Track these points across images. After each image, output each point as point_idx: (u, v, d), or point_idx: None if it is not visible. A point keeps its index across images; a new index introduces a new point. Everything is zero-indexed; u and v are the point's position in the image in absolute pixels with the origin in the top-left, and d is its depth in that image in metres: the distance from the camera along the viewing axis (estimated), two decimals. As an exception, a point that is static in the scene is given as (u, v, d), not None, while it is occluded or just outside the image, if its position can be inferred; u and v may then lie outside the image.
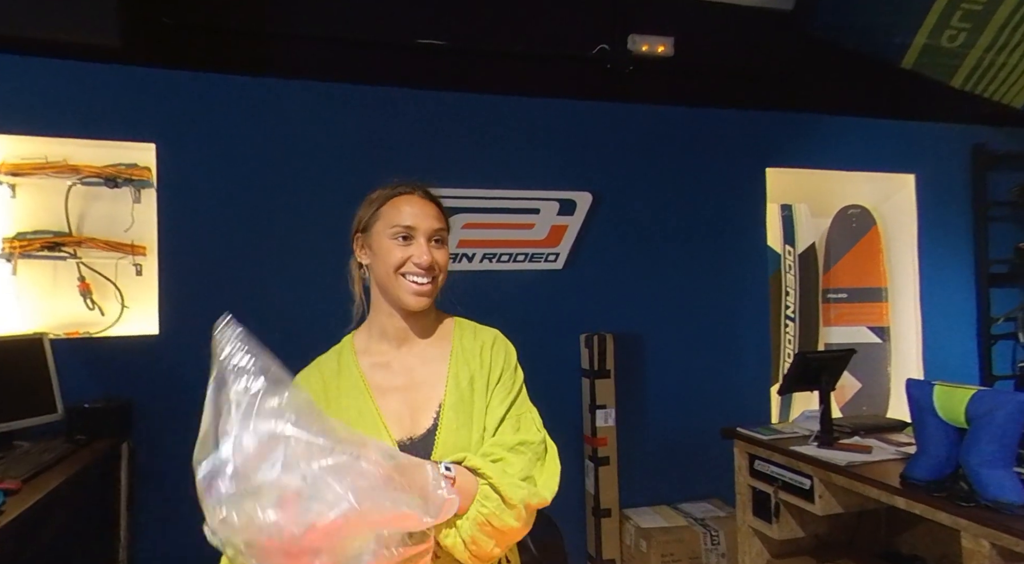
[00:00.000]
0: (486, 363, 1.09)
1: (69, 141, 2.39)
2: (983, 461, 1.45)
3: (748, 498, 2.26)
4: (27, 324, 2.36)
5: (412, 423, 1.03)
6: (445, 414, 1.03)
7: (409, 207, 1.05)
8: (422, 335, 1.10)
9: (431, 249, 1.04)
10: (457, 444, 1.00)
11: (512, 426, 1.05)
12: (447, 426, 1.01)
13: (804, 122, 3.29)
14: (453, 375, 1.07)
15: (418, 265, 1.02)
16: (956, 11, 2.90)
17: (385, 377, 1.07)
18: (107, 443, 2.14)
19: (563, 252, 2.91)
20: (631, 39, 3.10)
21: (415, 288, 1.03)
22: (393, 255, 1.03)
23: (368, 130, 2.69)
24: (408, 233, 1.04)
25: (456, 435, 1.01)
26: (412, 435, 1.02)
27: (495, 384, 1.08)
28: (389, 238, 1.04)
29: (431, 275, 1.04)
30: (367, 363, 1.08)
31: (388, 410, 1.03)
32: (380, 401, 1.04)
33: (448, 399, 1.04)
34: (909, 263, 3.48)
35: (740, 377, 3.13)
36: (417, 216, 1.05)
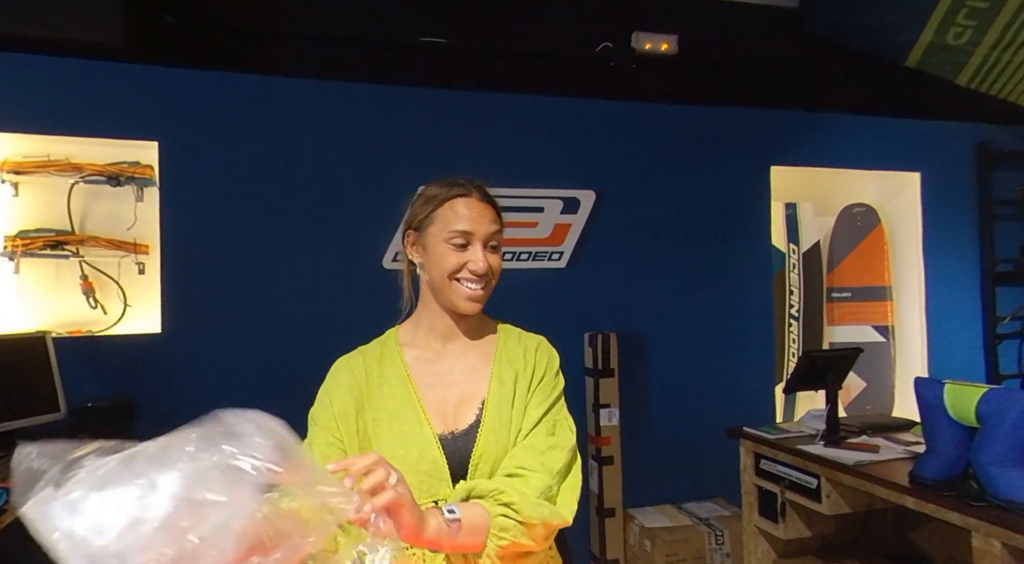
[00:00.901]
0: (530, 364, 1.09)
1: (72, 139, 2.38)
2: (994, 460, 1.44)
3: (754, 498, 2.24)
4: (30, 323, 2.35)
5: (454, 418, 1.03)
6: (488, 411, 1.03)
7: (467, 211, 1.04)
8: (468, 335, 1.11)
9: (487, 255, 1.03)
10: (499, 442, 1.00)
11: (547, 430, 1.04)
12: (489, 423, 1.01)
13: (809, 120, 3.28)
14: (497, 374, 1.07)
15: (474, 272, 1.02)
16: (962, 8, 2.89)
17: (429, 371, 1.07)
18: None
19: (567, 251, 2.90)
20: (635, 37, 3.08)
21: (469, 293, 1.03)
22: (448, 261, 1.02)
23: (371, 128, 2.69)
24: (465, 239, 1.03)
25: (497, 434, 1.01)
26: (454, 429, 1.02)
27: (535, 386, 1.08)
28: (444, 242, 1.03)
29: (485, 281, 1.04)
30: (411, 355, 1.08)
31: (430, 402, 1.03)
32: (423, 393, 1.04)
33: (491, 397, 1.04)
34: (914, 262, 3.47)
35: (744, 376, 3.12)
36: (475, 221, 1.03)
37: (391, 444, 0.99)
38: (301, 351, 2.51)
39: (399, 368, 1.06)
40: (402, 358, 1.07)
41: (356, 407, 1.02)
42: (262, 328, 2.50)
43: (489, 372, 1.07)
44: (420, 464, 0.97)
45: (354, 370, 1.06)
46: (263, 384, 2.45)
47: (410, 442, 0.99)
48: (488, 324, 1.15)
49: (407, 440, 0.99)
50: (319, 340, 2.70)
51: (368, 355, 1.09)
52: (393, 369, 1.06)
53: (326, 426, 1.02)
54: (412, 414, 1.01)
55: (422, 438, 0.99)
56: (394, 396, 1.03)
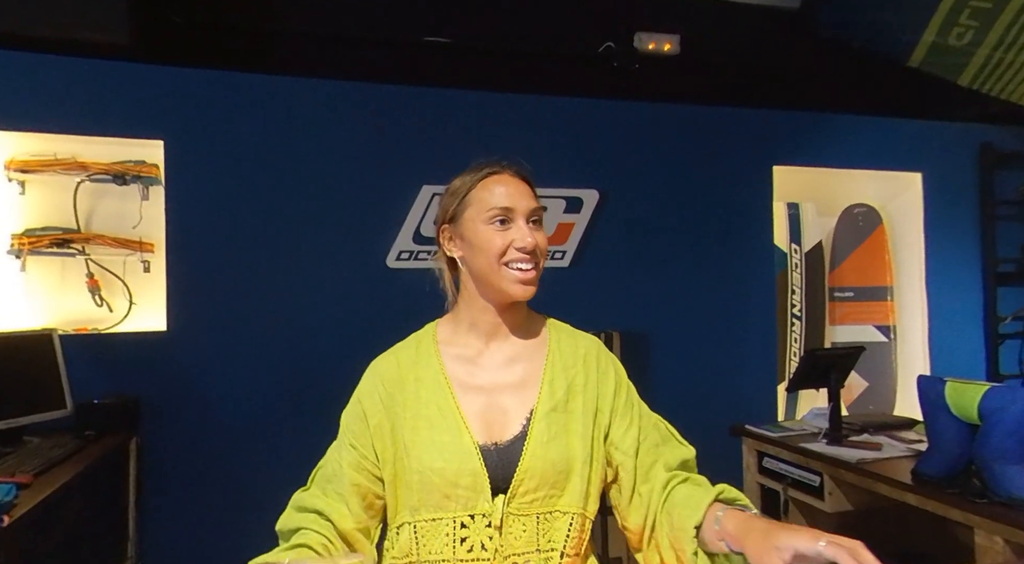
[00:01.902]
0: (592, 375, 1.01)
1: (78, 138, 2.40)
2: (997, 457, 1.44)
3: (757, 495, 2.25)
4: (36, 320, 2.36)
5: (499, 428, 0.94)
6: (536, 423, 0.94)
7: (503, 187, 0.96)
8: (515, 332, 1.01)
9: (532, 231, 0.95)
10: (547, 457, 0.92)
11: (653, 443, 1.01)
12: (537, 437, 0.93)
13: (811, 120, 3.28)
14: (548, 380, 0.98)
15: (521, 249, 0.93)
16: (964, 9, 2.89)
17: (469, 372, 0.98)
18: (116, 439, 2.14)
19: (570, 250, 2.91)
20: (637, 37, 3.10)
21: (520, 276, 0.94)
22: (493, 243, 0.93)
23: (374, 127, 2.70)
24: (506, 215, 0.94)
25: (546, 447, 0.92)
26: (498, 441, 0.93)
27: (611, 398, 1.00)
28: (485, 223, 0.95)
29: (535, 260, 0.95)
30: (450, 354, 0.99)
31: (470, 410, 0.94)
32: (462, 398, 0.95)
33: (541, 406, 0.95)
34: (916, 262, 3.47)
35: (746, 375, 3.12)
36: (513, 196, 0.96)
37: (430, 455, 0.91)
38: (305, 349, 2.53)
39: (436, 371, 0.97)
40: (440, 359, 0.99)
41: (390, 419, 0.96)
42: (267, 326, 2.51)
43: (540, 378, 0.98)
44: (460, 478, 0.90)
45: (386, 376, 0.98)
46: (268, 381, 2.47)
47: (450, 453, 0.91)
48: (535, 320, 1.06)
49: (446, 451, 0.91)
50: (323, 338, 2.73)
51: (402, 357, 1.00)
52: (430, 372, 0.97)
53: (358, 440, 0.97)
54: (451, 421, 0.93)
55: (462, 449, 0.91)
56: (432, 402, 0.95)
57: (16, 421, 2.02)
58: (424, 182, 2.70)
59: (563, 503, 0.94)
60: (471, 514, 0.90)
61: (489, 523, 0.90)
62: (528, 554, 0.91)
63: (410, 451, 0.93)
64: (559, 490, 0.94)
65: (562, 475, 0.94)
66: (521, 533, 0.91)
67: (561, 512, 0.94)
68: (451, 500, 0.91)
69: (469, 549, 0.90)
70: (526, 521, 0.91)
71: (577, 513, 0.94)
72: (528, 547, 0.91)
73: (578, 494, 0.94)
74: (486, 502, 0.91)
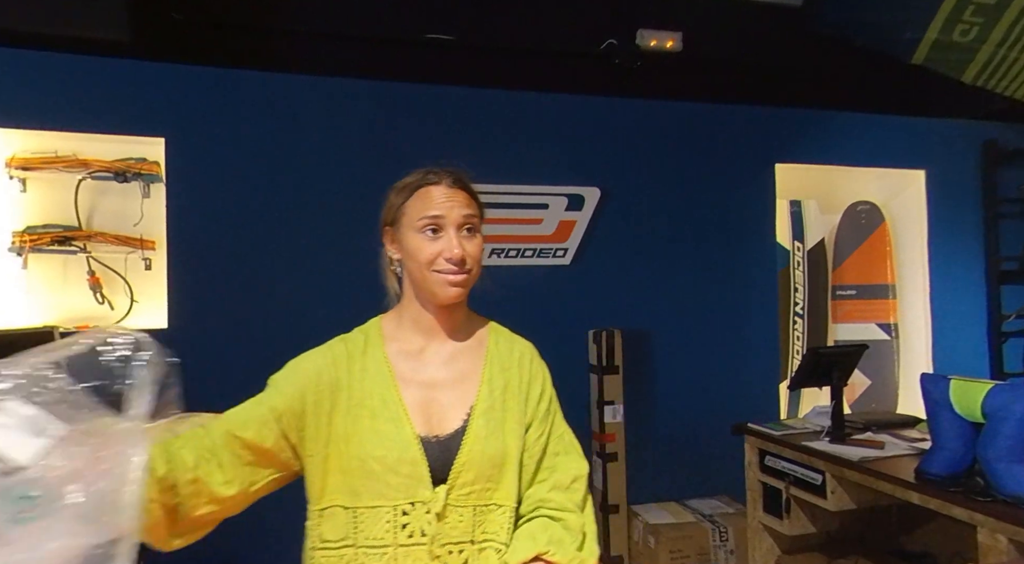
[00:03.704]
0: (524, 377, 1.06)
1: (79, 136, 2.39)
2: (1000, 456, 1.44)
3: (758, 494, 2.25)
4: (38, 318, 2.36)
5: (439, 422, 0.99)
6: (475, 419, 0.99)
7: (436, 197, 1.00)
8: (455, 332, 1.06)
9: (462, 240, 0.99)
10: (484, 451, 0.97)
11: (553, 452, 1.04)
12: (476, 432, 0.98)
13: (813, 118, 3.27)
14: (487, 379, 1.03)
15: (449, 260, 0.97)
16: (968, 6, 2.88)
17: (412, 368, 1.02)
18: (117, 437, 2.14)
19: (571, 247, 2.90)
20: (639, 34, 3.09)
21: (449, 278, 0.98)
22: (423, 251, 0.98)
23: (376, 125, 2.69)
24: (436, 224, 0.98)
25: (484, 442, 0.98)
26: (438, 434, 0.98)
27: (536, 403, 1.05)
28: (417, 232, 0.99)
29: (464, 269, 0.99)
30: (394, 349, 1.03)
31: (412, 403, 0.99)
32: (404, 391, 0.99)
33: (480, 403, 1.01)
34: (919, 260, 3.46)
35: (748, 373, 3.12)
36: (444, 206, 0.99)
37: (371, 443, 0.95)
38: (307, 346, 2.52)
39: (381, 363, 1.01)
40: (384, 353, 1.02)
41: (331, 402, 0.97)
42: (268, 323, 2.51)
43: (479, 377, 1.03)
44: (399, 466, 0.94)
45: (337, 359, 1.00)
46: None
47: (390, 442, 0.95)
48: (476, 321, 1.11)
49: (387, 440, 0.95)
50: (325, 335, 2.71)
51: (351, 345, 1.03)
52: (375, 364, 1.01)
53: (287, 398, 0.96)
54: (393, 413, 0.97)
55: (402, 439, 0.95)
56: (375, 393, 0.98)
57: (17, 419, 2.02)
58: (425, 179, 2.70)
59: (499, 496, 0.99)
60: (412, 502, 0.95)
61: (429, 510, 0.94)
62: (463, 544, 0.96)
63: (350, 439, 0.96)
64: (495, 484, 0.99)
65: (497, 470, 0.99)
66: (458, 523, 0.96)
67: (497, 505, 0.99)
68: (392, 488, 0.94)
69: (410, 535, 0.94)
70: (463, 512, 0.96)
71: (511, 506, 1.00)
72: (463, 537, 0.96)
73: (512, 488, 1.00)
74: (427, 490, 0.95)
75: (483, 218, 1.06)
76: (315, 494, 0.97)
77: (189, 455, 0.87)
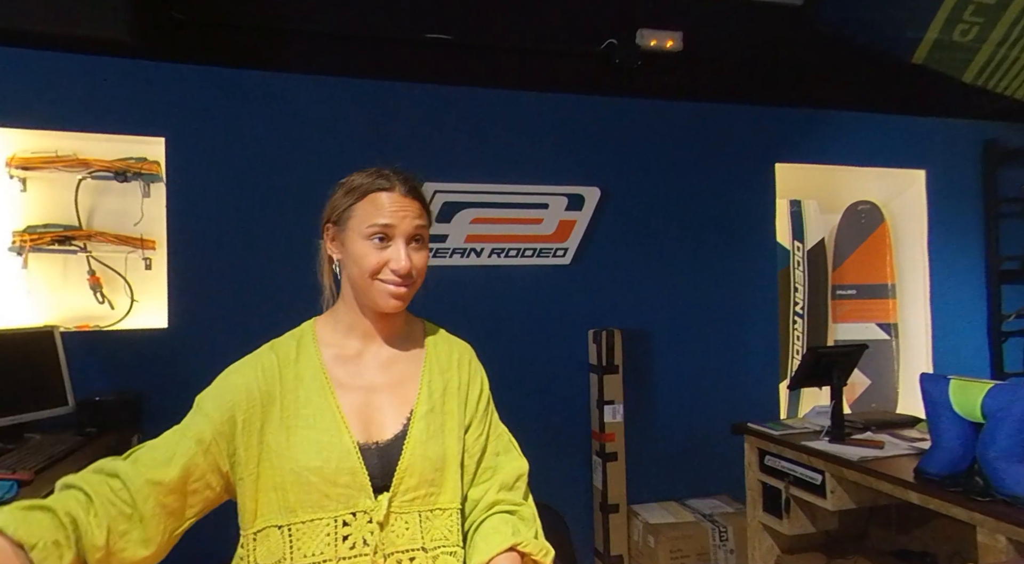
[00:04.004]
0: (464, 379, 1.05)
1: (79, 135, 2.39)
2: (1000, 455, 1.44)
3: (758, 493, 2.25)
4: (38, 317, 2.36)
5: (378, 427, 0.96)
6: (415, 423, 0.97)
7: (388, 205, 0.96)
8: (392, 334, 1.04)
9: (410, 252, 0.96)
10: (426, 455, 0.95)
11: (493, 451, 1.05)
12: (417, 436, 0.96)
13: (814, 118, 3.27)
14: (427, 382, 1.01)
15: (396, 271, 0.94)
16: (968, 5, 2.88)
17: (349, 373, 0.99)
18: (117, 436, 2.15)
19: (571, 247, 2.90)
20: (640, 34, 3.09)
21: (391, 290, 0.95)
22: (369, 259, 0.95)
23: (376, 125, 2.69)
24: (385, 233, 0.95)
25: (425, 446, 0.96)
26: (378, 440, 0.95)
27: (475, 404, 1.04)
28: (365, 238, 0.95)
29: (408, 281, 0.96)
30: (330, 354, 0.99)
31: (350, 408, 0.95)
32: (342, 398, 0.96)
33: (420, 407, 0.99)
34: (919, 260, 3.46)
35: (748, 373, 3.12)
36: (396, 215, 0.95)
37: (307, 454, 0.90)
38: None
39: (316, 370, 0.97)
40: (320, 358, 0.98)
41: (262, 418, 0.92)
42: (268, 323, 2.48)
43: (418, 379, 1.01)
44: (338, 476, 0.90)
45: (266, 372, 0.95)
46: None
47: (328, 452, 0.91)
48: (414, 324, 1.08)
49: (324, 450, 0.91)
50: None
51: (281, 354, 0.98)
52: (310, 371, 0.97)
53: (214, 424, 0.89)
54: (330, 421, 0.93)
55: (340, 448, 0.91)
56: (311, 402, 0.94)
57: (18, 418, 2.03)
58: (426, 179, 2.68)
59: (443, 500, 0.97)
60: (353, 512, 0.91)
61: (371, 520, 0.91)
62: (413, 551, 0.93)
63: (283, 452, 0.91)
64: (437, 488, 0.97)
65: (439, 473, 0.97)
66: (404, 531, 0.93)
67: (442, 509, 0.97)
68: (331, 499, 0.90)
69: (352, 546, 0.90)
70: (408, 519, 0.94)
71: (457, 508, 0.99)
72: (412, 544, 0.93)
73: (456, 490, 0.99)
74: (368, 499, 0.92)
75: (431, 226, 1.04)
76: (247, 518, 0.91)
77: (99, 530, 0.76)
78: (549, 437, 2.80)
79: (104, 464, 0.85)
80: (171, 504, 0.85)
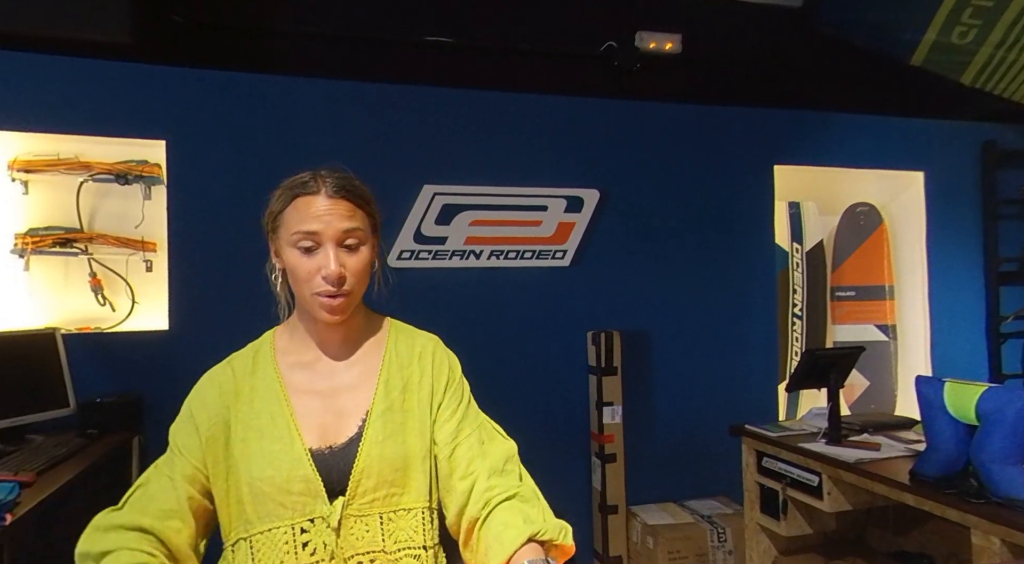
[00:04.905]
0: (427, 372, 1.02)
1: (81, 138, 2.41)
2: (994, 458, 1.45)
3: (756, 495, 2.26)
4: (40, 319, 2.38)
5: (334, 431, 0.94)
6: (371, 423, 0.95)
7: (312, 209, 0.92)
8: (351, 336, 1.01)
9: (340, 256, 0.92)
10: (383, 455, 0.93)
11: (477, 440, 1.00)
12: (372, 436, 0.94)
13: (812, 119, 3.28)
14: (384, 381, 0.99)
15: (326, 278, 0.91)
16: (967, 7, 2.88)
17: (306, 379, 0.98)
18: (118, 437, 2.16)
19: (570, 249, 2.91)
20: (639, 36, 3.10)
21: (326, 303, 0.92)
22: (299, 268, 0.92)
23: (376, 127, 2.70)
24: (312, 240, 0.91)
25: (382, 446, 0.94)
26: (332, 444, 0.93)
27: (441, 395, 1.01)
28: (292, 246, 0.92)
29: (341, 288, 0.92)
30: (287, 362, 0.99)
31: (304, 415, 0.94)
32: (297, 405, 0.95)
33: (376, 406, 0.96)
34: (918, 261, 3.47)
35: (747, 375, 3.13)
36: (321, 219, 0.91)
37: (259, 464, 0.90)
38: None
39: (272, 380, 0.96)
40: (276, 368, 0.98)
41: (224, 433, 0.93)
42: (268, 325, 2.50)
43: (376, 379, 0.99)
44: (291, 484, 0.90)
45: (223, 387, 0.95)
46: (269, 381, 2.48)
47: (279, 461, 0.90)
48: (375, 322, 1.05)
49: (276, 459, 0.90)
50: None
51: (238, 367, 0.98)
52: (265, 381, 0.96)
53: (192, 454, 0.92)
54: (283, 430, 0.92)
55: (292, 456, 0.91)
56: (265, 412, 0.94)
57: (19, 419, 2.04)
58: (425, 181, 2.72)
59: (407, 500, 0.95)
60: (311, 518, 0.91)
61: (329, 525, 0.91)
62: (374, 553, 0.92)
63: (239, 464, 0.91)
64: (400, 488, 0.95)
65: (400, 473, 0.95)
66: (364, 534, 0.92)
67: (406, 509, 0.95)
68: (286, 508, 0.90)
69: (312, 553, 0.90)
70: (368, 521, 0.92)
71: (424, 508, 0.96)
72: (372, 547, 0.92)
73: (423, 489, 0.96)
74: (324, 505, 0.91)
75: (378, 225, 0.99)
76: (224, 531, 0.93)
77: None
78: (548, 438, 2.81)
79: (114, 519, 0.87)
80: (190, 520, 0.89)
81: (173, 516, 0.87)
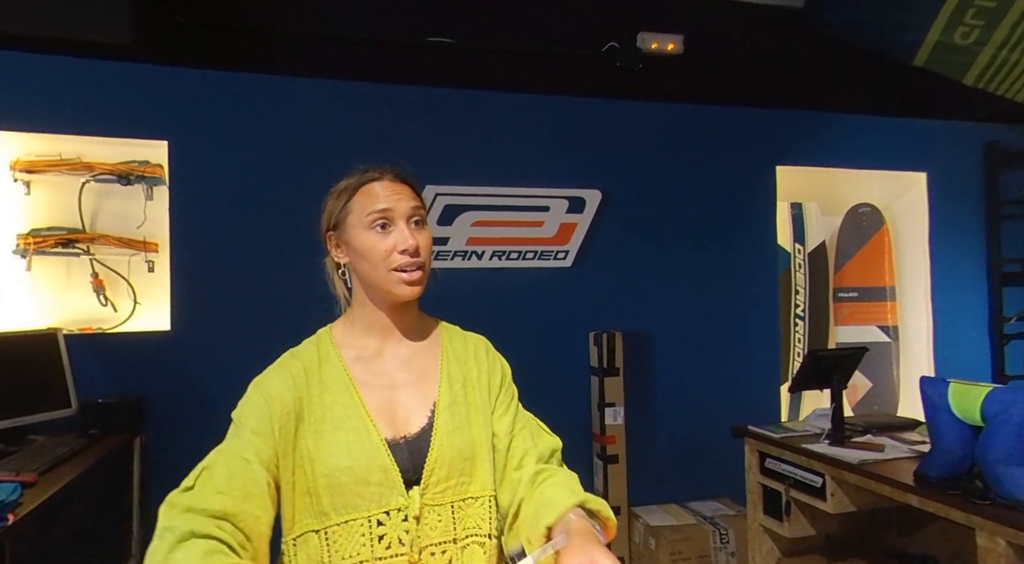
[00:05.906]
0: (483, 367, 1.06)
1: (83, 139, 2.41)
2: (999, 459, 1.44)
3: (759, 496, 2.25)
4: (42, 320, 2.38)
5: (404, 423, 0.97)
6: (440, 414, 0.98)
7: (381, 191, 0.99)
8: (408, 332, 1.04)
9: (413, 232, 0.97)
10: (452, 445, 0.96)
11: (529, 433, 1.05)
12: (443, 427, 0.97)
13: (814, 120, 3.28)
14: (446, 375, 1.03)
15: (404, 251, 0.95)
16: (969, 8, 2.88)
17: (370, 372, 1.00)
18: (120, 438, 2.16)
19: (572, 250, 2.91)
20: (641, 37, 3.09)
21: (406, 277, 0.96)
22: (376, 248, 0.96)
23: (378, 127, 2.70)
24: (386, 218, 0.97)
25: (452, 437, 0.97)
26: (405, 434, 0.96)
27: (497, 389, 1.06)
28: (366, 228, 0.97)
29: (419, 261, 0.97)
30: (350, 356, 1.00)
31: (375, 406, 0.97)
32: (366, 397, 0.97)
33: (443, 399, 1.00)
34: (920, 262, 3.46)
35: (749, 376, 3.12)
36: (391, 198, 0.98)
37: (336, 455, 0.91)
38: (308, 349, 2.54)
39: (340, 372, 0.98)
40: (341, 360, 0.99)
41: (295, 424, 0.93)
42: (270, 326, 2.52)
43: (438, 373, 1.02)
44: (370, 474, 0.91)
45: (296, 379, 0.95)
46: (271, 381, 2.48)
47: (357, 452, 0.91)
48: (427, 321, 1.09)
49: (354, 450, 0.92)
50: (326, 338, 2.73)
51: (305, 359, 0.99)
52: (333, 373, 0.98)
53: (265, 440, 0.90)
54: (356, 419, 0.94)
55: (369, 446, 0.92)
56: (337, 403, 0.95)
57: (21, 420, 2.04)
58: (428, 182, 2.71)
59: (475, 488, 0.98)
60: (386, 510, 0.92)
61: (406, 517, 0.92)
62: (445, 544, 0.94)
63: (314, 456, 0.91)
64: (468, 477, 0.98)
65: (468, 462, 0.98)
66: (437, 523, 0.94)
67: (474, 497, 0.98)
68: (363, 498, 0.91)
69: (387, 546, 0.91)
70: (440, 511, 0.95)
71: (490, 496, 0.99)
72: (444, 537, 0.94)
73: (488, 478, 1.00)
74: (401, 496, 0.92)
75: (428, 212, 1.05)
76: (287, 524, 0.92)
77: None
78: (550, 439, 2.81)
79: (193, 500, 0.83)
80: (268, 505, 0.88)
81: (251, 499, 0.85)
